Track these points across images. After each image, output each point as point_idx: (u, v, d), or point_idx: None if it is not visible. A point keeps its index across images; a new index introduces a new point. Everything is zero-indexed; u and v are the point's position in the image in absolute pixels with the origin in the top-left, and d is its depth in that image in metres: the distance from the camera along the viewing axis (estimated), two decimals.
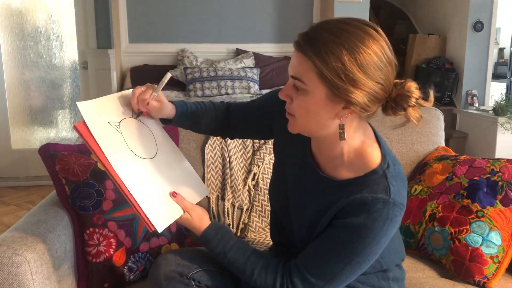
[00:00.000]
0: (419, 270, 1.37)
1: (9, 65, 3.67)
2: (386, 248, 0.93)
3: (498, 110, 3.64)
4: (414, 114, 0.87)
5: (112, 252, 1.25)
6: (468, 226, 1.34)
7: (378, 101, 0.87)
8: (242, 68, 3.64)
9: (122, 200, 1.29)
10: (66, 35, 3.80)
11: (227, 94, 3.43)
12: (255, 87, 3.55)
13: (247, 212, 1.63)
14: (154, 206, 0.98)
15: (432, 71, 4.17)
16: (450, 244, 1.34)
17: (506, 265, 1.31)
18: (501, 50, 6.08)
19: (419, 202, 1.48)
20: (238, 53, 3.92)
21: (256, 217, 1.62)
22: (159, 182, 1.04)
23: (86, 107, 0.99)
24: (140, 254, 1.30)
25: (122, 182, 0.95)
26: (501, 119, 3.60)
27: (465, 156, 1.55)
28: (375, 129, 1.00)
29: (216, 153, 1.64)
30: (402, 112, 0.88)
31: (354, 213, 0.88)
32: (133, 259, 1.28)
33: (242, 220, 1.62)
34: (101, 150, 0.95)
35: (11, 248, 1.02)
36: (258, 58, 3.84)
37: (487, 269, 1.29)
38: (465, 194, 1.39)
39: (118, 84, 3.60)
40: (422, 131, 1.71)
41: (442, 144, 1.75)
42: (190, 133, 1.61)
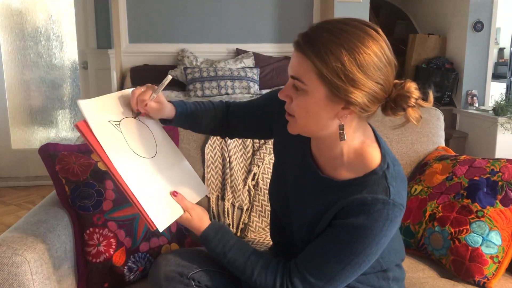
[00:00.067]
0: (419, 270, 1.37)
1: (9, 65, 3.67)
2: (386, 248, 0.93)
3: (498, 110, 3.64)
4: (414, 115, 0.87)
5: (112, 252, 1.25)
6: (468, 226, 1.34)
7: (377, 101, 0.87)
8: (242, 68, 3.64)
9: (122, 200, 1.29)
10: (66, 35, 3.80)
11: (227, 94, 3.43)
12: (255, 87, 3.55)
13: (247, 212, 1.63)
14: (155, 205, 0.99)
15: (432, 71, 4.17)
16: (450, 244, 1.34)
17: (506, 265, 1.31)
18: (501, 50, 6.08)
19: (419, 202, 1.48)
20: (238, 53, 3.92)
21: (256, 217, 1.62)
22: (160, 181, 1.04)
23: (87, 106, 0.99)
24: (140, 254, 1.30)
25: (124, 181, 0.96)
26: (501, 119, 3.60)
27: (465, 156, 1.55)
28: (375, 129, 1.00)
29: (216, 153, 1.64)
30: (401, 112, 0.88)
31: (354, 213, 0.88)
32: (133, 259, 1.28)
33: (242, 220, 1.62)
34: (102, 148, 0.96)
35: (11, 248, 1.02)
36: (258, 58, 3.84)
37: (487, 269, 1.29)
38: (465, 194, 1.39)
39: (118, 84, 3.60)
40: (422, 131, 1.71)
41: (442, 144, 1.75)
42: (190, 133, 1.61)
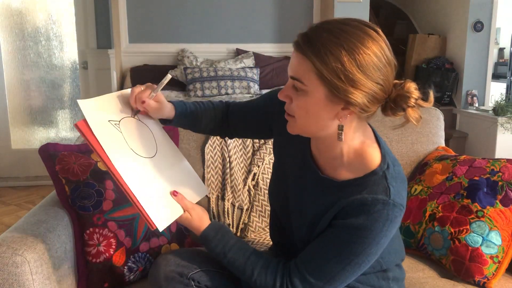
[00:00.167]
0: (419, 270, 1.37)
1: (9, 65, 3.67)
2: (386, 248, 0.93)
3: (498, 110, 3.64)
4: (414, 115, 0.87)
5: (112, 252, 1.25)
6: (468, 226, 1.34)
7: (377, 101, 0.87)
8: (242, 68, 3.64)
9: (122, 200, 1.29)
10: (66, 35, 3.80)
11: (227, 94, 3.43)
12: (255, 87, 3.55)
13: (247, 212, 1.63)
14: (155, 204, 0.99)
15: (432, 71, 4.17)
16: (450, 244, 1.34)
17: (506, 265, 1.31)
18: (501, 50, 6.08)
19: (419, 202, 1.48)
20: (238, 53, 3.92)
21: (256, 217, 1.62)
22: (160, 181, 1.04)
23: (86, 105, 0.99)
24: (140, 254, 1.30)
25: (124, 181, 0.96)
26: (501, 119, 3.60)
27: (465, 156, 1.55)
28: (375, 129, 1.00)
29: (216, 153, 1.64)
30: (401, 112, 0.88)
31: (354, 213, 0.88)
32: (133, 259, 1.28)
33: (242, 220, 1.62)
34: (102, 148, 0.96)
35: (11, 248, 1.02)
36: (258, 58, 3.84)
37: (487, 269, 1.29)
38: (465, 194, 1.39)
39: (118, 84, 3.60)
40: (422, 131, 1.71)
41: (442, 144, 1.75)
42: (190, 133, 1.61)
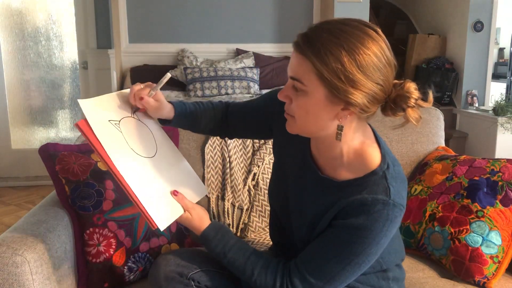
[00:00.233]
0: (419, 270, 1.37)
1: (9, 65, 3.67)
2: (386, 248, 0.93)
3: (498, 110, 3.64)
4: (413, 115, 0.87)
5: (112, 252, 1.25)
6: (468, 226, 1.34)
7: (377, 102, 0.87)
8: (242, 68, 3.64)
9: (122, 200, 1.29)
10: (66, 35, 3.80)
11: (227, 94, 3.43)
12: (255, 87, 3.55)
13: (247, 212, 1.63)
14: (156, 204, 0.99)
15: (432, 71, 4.17)
16: (450, 244, 1.34)
17: (506, 265, 1.31)
18: (501, 50, 6.08)
19: (419, 202, 1.48)
20: (238, 53, 3.92)
21: (256, 217, 1.62)
22: (160, 180, 1.04)
23: (87, 105, 0.99)
24: (140, 254, 1.30)
25: (125, 180, 0.96)
26: (501, 119, 3.60)
27: (465, 156, 1.55)
28: (375, 129, 1.00)
29: (216, 153, 1.64)
30: (401, 112, 0.88)
31: (354, 214, 0.88)
32: (133, 259, 1.28)
33: (242, 220, 1.62)
34: (102, 147, 0.96)
35: (11, 248, 1.02)
36: (258, 58, 3.84)
37: (487, 269, 1.29)
38: (465, 194, 1.39)
39: (118, 84, 3.60)
40: (422, 131, 1.71)
41: (442, 144, 1.75)
42: (190, 133, 1.61)
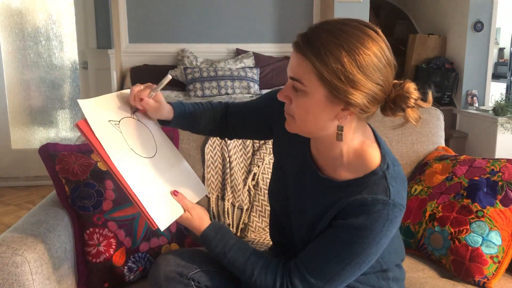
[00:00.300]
0: (419, 270, 1.37)
1: (9, 65, 3.67)
2: (386, 248, 0.93)
3: (498, 110, 3.64)
4: (413, 115, 0.87)
5: (112, 252, 1.25)
6: (468, 226, 1.34)
7: (377, 102, 0.87)
8: (242, 68, 3.64)
9: (122, 200, 1.29)
10: (66, 35, 3.80)
11: (227, 94, 3.43)
12: (255, 87, 3.55)
13: (247, 212, 1.63)
14: (156, 204, 0.99)
15: (432, 71, 4.17)
16: (450, 244, 1.34)
17: (506, 265, 1.31)
18: (501, 50, 6.08)
19: (419, 202, 1.48)
20: (238, 53, 3.92)
21: (256, 217, 1.62)
22: (160, 181, 1.04)
23: (87, 105, 0.99)
24: (140, 254, 1.30)
25: (125, 180, 0.96)
26: (501, 119, 3.60)
27: (465, 156, 1.55)
28: (375, 129, 1.00)
29: (216, 153, 1.64)
30: (401, 113, 0.88)
31: (354, 214, 0.88)
32: (133, 259, 1.28)
33: (242, 220, 1.62)
34: (103, 148, 0.96)
35: (11, 248, 1.02)
36: (258, 58, 3.84)
37: (487, 269, 1.29)
38: (465, 194, 1.39)
39: (118, 84, 3.60)
40: (422, 131, 1.71)
41: (442, 144, 1.75)
42: (190, 133, 1.60)
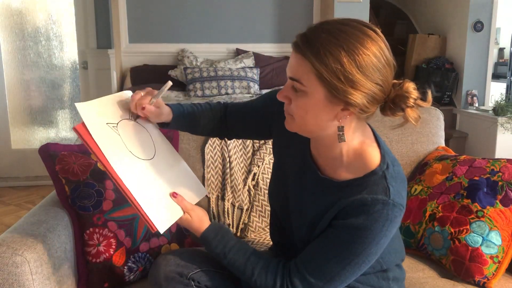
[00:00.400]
0: (419, 270, 1.37)
1: (9, 65, 3.67)
2: (386, 248, 0.93)
3: (498, 110, 3.64)
4: (412, 115, 0.87)
5: (112, 252, 1.25)
6: (468, 226, 1.34)
7: (376, 102, 0.87)
8: (242, 68, 3.64)
9: (122, 200, 1.29)
10: (66, 35, 3.80)
11: (227, 94, 3.43)
12: (255, 87, 3.55)
13: (247, 212, 1.63)
14: (155, 206, 0.99)
15: (432, 71, 4.17)
16: (450, 244, 1.34)
17: (506, 265, 1.31)
18: (501, 50, 6.08)
19: (419, 202, 1.48)
20: (238, 53, 3.92)
21: (256, 217, 1.62)
22: (159, 182, 1.04)
23: (84, 109, 0.99)
24: (140, 254, 1.30)
25: (123, 183, 0.96)
26: (501, 119, 3.60)
27: (465, 156, 1.55)
28: (374, 129, 1.00)
29: (216, 153, 1.64)
30: (400, 112, 0.88)
31: (354, 214, 0.88)
32: (133, 259, 1.28)
33: (242, 220, 1.62)
34: (101, 151, 0.96)
35: (11, 248, 1.02)
36: (258, 58, 3.84)
37: (487, 269, 1.29)
38: (465, 194, 1.39)
39: (118, 84, 3.60)
40: (422, 131, 1.71)
41: (442, 144, 1.75)
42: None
